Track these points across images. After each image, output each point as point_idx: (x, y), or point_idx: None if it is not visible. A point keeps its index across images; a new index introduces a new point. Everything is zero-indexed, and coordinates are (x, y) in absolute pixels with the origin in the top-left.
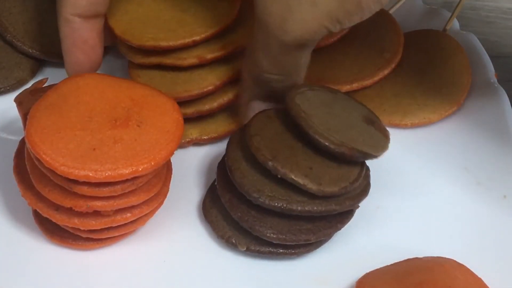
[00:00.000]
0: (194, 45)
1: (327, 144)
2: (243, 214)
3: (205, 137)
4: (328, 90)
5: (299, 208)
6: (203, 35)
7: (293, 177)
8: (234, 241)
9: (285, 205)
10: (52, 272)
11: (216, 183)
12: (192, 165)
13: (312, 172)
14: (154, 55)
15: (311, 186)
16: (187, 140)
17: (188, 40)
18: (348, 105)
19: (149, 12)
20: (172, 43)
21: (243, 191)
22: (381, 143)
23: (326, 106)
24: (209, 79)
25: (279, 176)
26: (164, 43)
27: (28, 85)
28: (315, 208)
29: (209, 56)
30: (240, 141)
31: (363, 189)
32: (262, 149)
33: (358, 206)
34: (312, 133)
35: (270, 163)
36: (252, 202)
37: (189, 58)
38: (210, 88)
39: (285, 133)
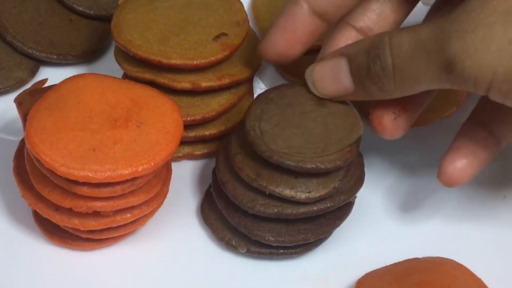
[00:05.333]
0: (210, 66)
1: (291, 163)
2: (241, 220)
3: (198, 153)
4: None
5: (294, 211)
6: (219, 56)
7: (280, 191)
8: (234, 243)
9: (280, 210)
10: (52, 272)
11: (211, 189)
12: (191, 166)
13: (298, 181)
14: (149, 71)
15: (300, 196)
16: (179, 155)
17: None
18: (302, 99)
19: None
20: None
21: (237, 202)
22: (354, 126)
23: (285, 116)
24: (211, 105)
25: (267, 193)
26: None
27: (28, 85)
28: (309, 209)
29: (204, 84)
30: (226, 162)
31: (358, 179)
32: (244, 168)
33: (356, 197)
34: (276, 160)
35: (255, 183)
36: None
37: (184, 82)
38: (213, 114)
39: None
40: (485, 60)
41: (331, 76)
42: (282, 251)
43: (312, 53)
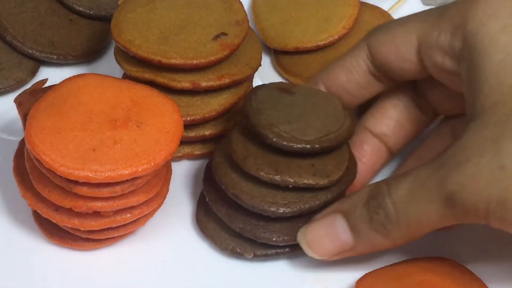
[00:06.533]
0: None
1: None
2: (245, 225)
3: (197, 152)
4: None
5: (317, 202)
6: (219, 56)
7: (305, 181)
8: (239, 250)
9: (303, 206)
10: (52, 272)
11: (207, 200)
12: (191, 166)
13: (316, 168)
14: (149, 71)
15: (323, 182)
16: (179, 155)
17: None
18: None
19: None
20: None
21: (258, 210)
22: (334, 100)
23: (287, 113)
24: (211, 105)
25: (290, 186)
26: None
27: (28, 85)
28: (329, 196)
29: (204, 84)
30: (229, 163)
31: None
32: (262, 168)
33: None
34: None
35: (277, 178)
36: (249, 211)
37: (183, 82)
38: (213, 113)
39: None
40: (479, 189)
41: (327, 234)
42: (288, 249)
43: (308, 52)
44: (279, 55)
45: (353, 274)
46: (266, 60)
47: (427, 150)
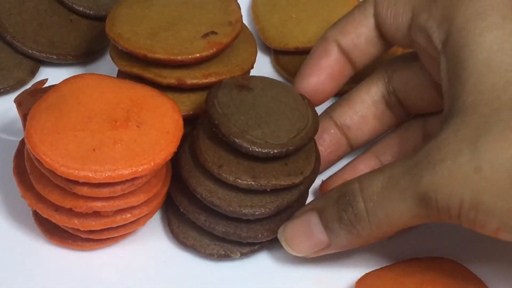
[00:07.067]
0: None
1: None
2: (228, 228)
3: None
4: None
5: (292, 197)
6: (204, 53)
7: (282, 183)
8: (224, 252)
9: (280, 204)
10: (52, 272)
11: (181, 210)
12: None
13: (289, 167)
14: (137, 65)
15: (298, 180)
16: None
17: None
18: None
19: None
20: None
21: (238, 215)
22: (295, 94)
23: (252, 116)
24: (197, 103)
25: (268, 190)
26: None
27: (28, 85)
28: (302, 189)
29: (189, 81)
30: (200, 170)
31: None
32: (239, 176)
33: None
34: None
35: (255, 184)
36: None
37: (169, 78)
38: (199, 111)
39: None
40: (453, 191)
41: (303, 232)
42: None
43: (308, 52)
44: (279, 55)
45: (353, 274)
46: (266, 60)
47: (396, 139)
